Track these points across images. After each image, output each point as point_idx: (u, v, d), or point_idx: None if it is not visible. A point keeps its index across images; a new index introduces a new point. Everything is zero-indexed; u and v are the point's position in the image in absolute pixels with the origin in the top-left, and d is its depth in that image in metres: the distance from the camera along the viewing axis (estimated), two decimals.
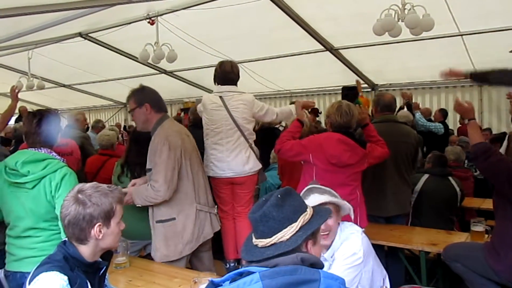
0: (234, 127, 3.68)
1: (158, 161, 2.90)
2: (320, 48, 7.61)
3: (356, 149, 3.19)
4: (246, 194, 3.83)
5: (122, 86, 11.36)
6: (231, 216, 3.85)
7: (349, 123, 3.22)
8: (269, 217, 1.47)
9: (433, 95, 9.10)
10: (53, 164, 2.48)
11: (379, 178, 3.77)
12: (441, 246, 3.15)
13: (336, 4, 6.08)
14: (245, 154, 3.72)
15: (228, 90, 3.73)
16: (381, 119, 3.86)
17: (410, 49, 6.95)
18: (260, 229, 1.48)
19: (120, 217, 1.88)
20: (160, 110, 3.08)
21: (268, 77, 9.31)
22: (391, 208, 3.83)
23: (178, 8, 6.36)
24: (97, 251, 1.87)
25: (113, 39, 7.91)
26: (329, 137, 3.26)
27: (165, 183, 2.86)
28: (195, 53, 7.83)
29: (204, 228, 3.07)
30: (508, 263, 2.54)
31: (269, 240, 1.45)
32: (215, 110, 3.69)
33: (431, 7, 5.00)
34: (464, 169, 5.09)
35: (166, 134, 2.98)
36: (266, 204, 1.49)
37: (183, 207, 3.00)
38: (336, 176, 3.16)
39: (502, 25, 5.97)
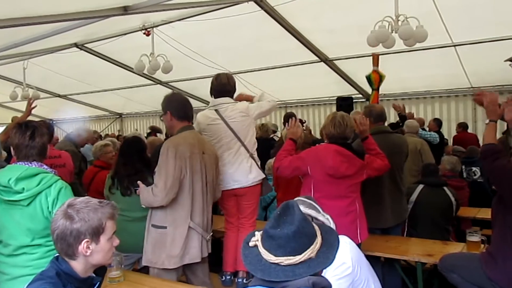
0: (234, 138, 3.66)
1: (162, 166, 2.93)
2: (315, 59, 7.67)
3: (353, 160, 3.19)
4: (249, 206, 3.80)
5: (118, 96, 11.40)
6: (235, 227, 3.83)
7: (343, 134, 3.23)
8: (302, 233, 1.40)
9: (427, 105, 9.17)
10: (47, 178, 2.41)
11: (377, 190, 3.77)
12: (437, 257, 3.14)
13: (331, 16, 6.14)
14: (247, 164, 3.70)
15: (223, 102, 3.72)
16: (376, 130, 3.87)
17: (404, 60, 7.00)
18: (291, 246, 1.38)
19: (111, 233, 1.82)
20: (182, 119, 3.13)
21: (263, 88, 9.29)
22: (390, 219, 3.83)
23: (173, 20, 6.41)
24: (88, 267, 1.81)
25: (108, 49, 7.93)
26: (326, 149, 3.27)
27: (164, 189, 2.87)
28: (190, 64, 7.86)
29: (191, 249, 3.03)
30: (506, 272, 2.53)
31: (299, 257, 1.38)
32: (213, 125, 3.68)
33: (424, 18, 5.05)
34: (459, 179, 5.10)
35: (177, 142, 3.01)
36: (296, 218, 1.41)
37: (177, 218, 2.99)
38: (334, 188, 3.16)
39: (494, 36, 6.05)
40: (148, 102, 11.38)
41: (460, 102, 8.86)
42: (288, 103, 10.60)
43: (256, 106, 3.84)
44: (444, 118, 8.73)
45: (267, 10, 6.00)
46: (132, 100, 11.70)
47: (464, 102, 8.79)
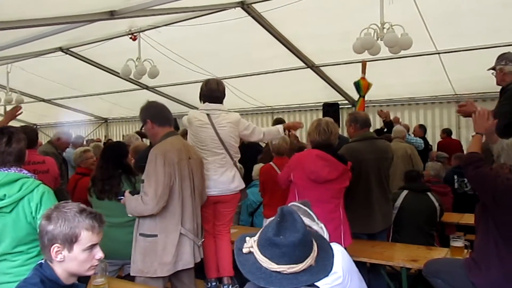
0: (221, 145, 3.66)
1: (151, 174, 2.89)
2: (302, 65, 7.72)
3: (335, 164, 3.21)
4: (229, 213, 3.80)
5: (103, 101, 11.31)
6: (211, 234, 3.81)
7: (328, 141, 3.26)
8: (306, 241, 1.40)
9: (412, 111, 9.28)
10: (28, 183, 2.36)
11: (365, 196, 3.80)
12: (422, 262, 3.17)
13: (318, 23, 6.19)
14: (230, 173, 3.71)
15: (216, 108, 3.72)
16: (363, 136, 3.91)
17: (389, 67, 7.09)
18: (296, 254, 1.37)
19: (87, 245, 1.76)
20: (164, 124, 3.11)
21: (250, 93, 9.37)
22: (378, 224, 3.86)
23: (160, 25, 6.40)
24: (67, 274, 1.78)
25: (94, 54, 7.87)
26: (309, 154, 3.31)
27: (155, 197, 2.84)
28: (177, 69, 7.84)
29: (184, 255, 3.01)
30: (490, 278, 2.57)
31: (301, 265, 1.38)
32: (201, 128, 3.67)
33: (409, 26, 5.13)
34: (443, 185, 5.16)
35: (165, 149, 2.98)
36: (298, 226, 1.39)
37: (167, 226, 2.96)
38: (317, 193, 3.16)
39: (477, 44, 6.16)
40: (134, 107, 11.27)
41: (444, 109, 8.99)
42: (275, 108, 10.63)
43: (247, 126, 3.84)
44: (428, 125, 8.85)
45: (254, 16, 6.03)
46: (118, 105, 11.62)
47: (448, 108, 8.92)
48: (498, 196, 2.50)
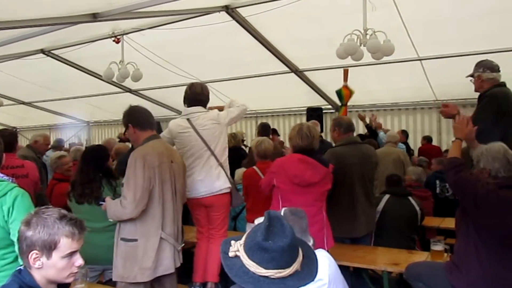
0: (204, 146, 3.66)
1: (130, 177, 2.87)
2: (286, 70, 7.75)
3: (317, 167, 3.24)
4: (218, 216, 3.78)
5: (85, 104, 11.16)
6: (206, 238, 3.80)
7: (310, 146, 3.28)
8: (294, 246, 1.43)
9: (394, 117, 9.40)
10: (2, 187, 2.29)
11: (348, 200, 3.83)
12: (403, 266, 3.20)
13: (302, 28, 6.23)
14: (215, 171, 3.70)
15: (195, 111, 3.73)
16: (347, 141, 3.93)
17: (372, 72, 7.18)
18: (284, 259, 1.40)
19: (66, 252, 1.73)
20: (145, 128, 3.09)
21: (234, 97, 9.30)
22: (362, 228, 3.89)
23: (144, 28, 6.36)
24: (46, 281, 1.75)
25: (76, 56, 7.78)
26: (290, 158, 3.33)
27: (133, 201, 2.82)
28: (161, 72, 7.80)
29: (164, 260, 2.98)
30: (470, 281, 2.61)
31: (288, 270, 1.40)
32: (183, 133, 3.67)
33: (391, 32, 5.21)
34: (424, 189, 5.23)
35: (145, 152, 2.96)
36: (287, 231, 1.41)
37: (148, 230, 2.94)
38: (301, 197, 3.18)
39: (458, 51, 6.28)
40: (117, 111, 11.08)
41: (426, 114, 9.13)
42: (259, 113, 10.65)
43: (226, 113, 3.88)
44: (410, 130, 8.98)
45: (239, 20, 6.04)
46: (101, 108, 11.48)
47: (430, 114, 9.06)
48: (478, 201, 2.55)
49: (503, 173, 2.63)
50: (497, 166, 2.63)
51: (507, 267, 2.55)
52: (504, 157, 2.63)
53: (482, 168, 2.68)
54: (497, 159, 2.63)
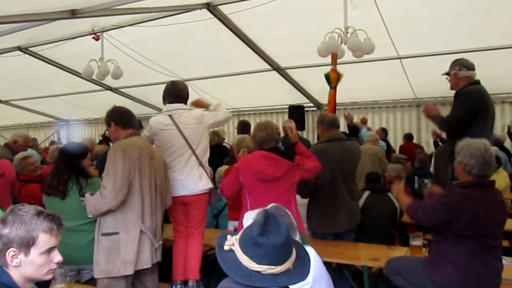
0: (185, 145, 3.62)
1: (110, 167, 2.87)
2: (267, 68, 7.77)
3: (280, 162, 3.28)
4: (198, 214, 3.76)
5: (64, 102, 10.99)
6: (184, 236, 3.77)
7: (271, 135, 3.35)
8: (288, 245, 1.46)
9: (375, 115, 9.51)
10: None
11: (332, 196, 3.85)
12: (383, 261, 3.24)
13: (283, 26, 6.26)
14: (197, 171, 3.66)
15: (178, 108, 3.67)
16: (330, 137, 3.95)
17: (352, 70, 7.21)
18: (277, 256, 1.42)
19: (45, 248, 1.71)
20: (127, 127, 3.14)
21: (216, 95, 9.31)
22: (345, 224, 3.92)
23: (124, 25, 6.30)
24: (24, 280, 1.72)
25: (55, 54, 7.65)
26: (254, 155, 3.41)
27: (113, 190, 2.81)
28: (142, 70, 7.73)
29: (142, 254, 2.97)
30: (447, 275, 2.68)
31: (280, 268, 1.42)
32: (165, 130, 3.62)
33: (371, 31, 5.28)
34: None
35: (125, 144, 2.98)
36: (282, 229, 1.44)
37: (128, 222, 2.93)
38: (267, 193, 3.22)
39: (436, 50, 6.40)
40: (97, 109, 11.04)
41: (405, 112, 9.27)
42: (241, 111, 10.65)
43: (211, 115, 3.83)
44: (390, 128, 9.11)
45: (220, 18, 6.03)
46: (80, 106, 11.32)
47: (409, 112, 9.21)
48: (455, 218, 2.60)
49: (476, 171, 2.68)
50: (472, 163, 2.68)
51: (481, 261, 2.62)
52: (481, 155, 2.68)
53: (460, 161, 2.74)
54: (474, 156, 2.68)
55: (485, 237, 2.62)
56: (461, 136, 2.99)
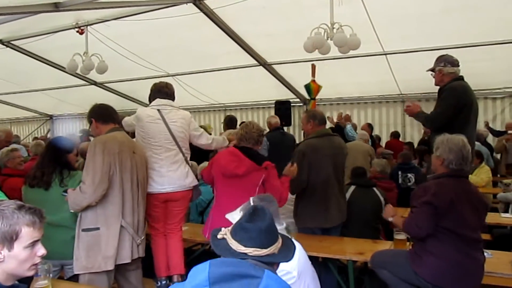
0: (172, 141, 3.61)
1: (89, 162, 2.86)
2: (254, 63, 7.76)
3: (243, 160, 3.30)
4: (180, 212, 3.75)
5: (48, 97, 10.84)
6: (162, 233, 3.75)
7: (249, 133, 3.40)
8: (271, 230, 1.58)
9: (361, 110, 9.59)
10: None
11: (323, 191, 3.87)
12: (368, 255, 3.28)
13: (269, 21, 6.25)
14: (184, 169, 3.67)
15: (166, 103, 3.68)
16: (320, 133, 3.99)
17: (338, 66, 7.28)
18: (261, 239, 1.54)
19: (28, 242, 1.70)
20: (107, 122, 3.14)
21: (202, 90, 9.31)
22: (335, 219, 3.95)
23: (109, 18, 6.22)
24: (6, 275, 1.70)
25: (38, 47, 7.53)
26: (225, 150, 3.54)
27: (92, 184, 2.80)
28: (128, 64, 7.66)
29: (122, 250, 2.96)
30: (430, 267, 2.74)
31: (265, 251, 1.53)
32: (152, 123, 3.60)
33: (357, 27, 5.30)
34: (388, 181, 5.37)
35: (105, 139, 2.98)
36: (267, 216, 1.59)
37: (109, 217, 2.92)
38: (230, 188, 3.31)
39: (421, 46, 6.46)
40: (82, 104, 10.90)
41: (391, 108, 9.36)
42: (228, 106, 10.64)
43: (197, 128, 3.88)
44: (375, 123, 9.19)
45: (206, 12, 5.99)
46: (65, 101, 11.17)
47: (394, 107, 9.29)
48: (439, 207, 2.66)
49: (454, 165, 2.76)
50: (451, 158, 2.75)
51: (463, 254, 2.68)
52: (460, 151, 2.75)
53: (438, 155, 2.80)
54: (453, 151, 2.75)
55: (465, 228, 2.68)
56: (445, 131, 3.02)
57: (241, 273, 1.42)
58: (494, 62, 6.94)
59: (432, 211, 2.67)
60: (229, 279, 1.41)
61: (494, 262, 3.11)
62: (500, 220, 4.71)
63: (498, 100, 8.53)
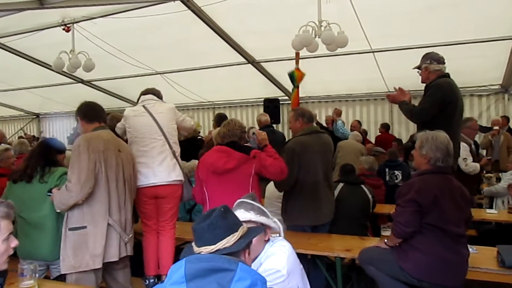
0: (158, 131, 3.62)
1: (75, 161, 2.85)
2: (243, 61, 7.76)
3: (232, 154, 3.30)
4: (170, 209, 3.73)
5: (35, 95, 10.71)
6: (154, 230, 3.73)
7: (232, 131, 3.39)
8: (216, 226, 1.64)
9: (349, 107, 9.62)
10: None
11: (313, 188, 3.87)
12: (356, 252, 3.30)
13: (258, 19, 6.24)
14: (171, 161, 3.66)
15: (150, 98, 3.73)
16: (309, 130, 3.99)
17: (326, 64, 7.30)
18: (206, 237, 1.62)
19: (6, 234, 1.71)
20: (93, 120, 3.13)
21: (191, 88, 9.28)
22: (324, 216, 3.96)
23: (95, 16, 6.16)
24: None
25: (24, 45, 7.44)
26: (211, 150, 3.46)
27: (78, 183, 2.79)
28: (115, 62, 7.60)
29: (109, 248, 2.95)
30: (415, 262, 2.78)
31: (214, 246, 1.60)
32: (137, 117, 3.62)
33: (345, 25, 5.32)
34: (376, 178, 5.41)
35: (89, 137, 2.97)
36: (212, 215, 1.66)
37: (95, 216, 2.91)
38: (221, 185, 3.27)
39: (407, 44, 6.50)
40: (69, 102, 10.79)
41: (378, 105, 9.42)
42: (216, 104, 10.62)
43: (181, 114, 3.91)
44: (363, 120, 9.24)
45: (194, 10, 5.97)
46: (51, 99, 11.05)
47: (382, 105, 9.35)
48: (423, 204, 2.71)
49: (441, 163, 2.80)
50: (438, 156, 2.79)
51: (448, 249, 2.72)
52: (446, 148, 2.80)
53: (424, 154, 2.82)
54: (440, 149, 2.78)
55: (449, 224, 2.72)
56: (430, 127, 3.06)
57: (215, 267, 1.44)
58: (480, 59, 7.03)
59: (416, 209, 2.70)
60: (204, 274, 1.43)
61: (479, 257, 3.15)
62: (486, 216, 4.77)
63: (484, 97, 8.64)
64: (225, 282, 1.41)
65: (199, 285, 1.42)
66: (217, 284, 1.41)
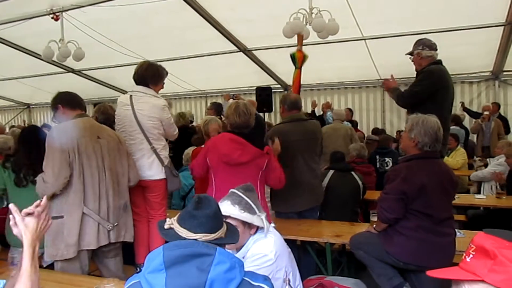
0: (137, 128, 3.50)
1: (49, 152, 2.85)
2: (234, 49, 7.72)
3: (247, 147, 3.20)
4: (155, 197, 3.68)
5: (24, 85, 10.60)
6: (145, 218, 3.71)
7: (247, 123, 3.25)
8: (218, 216, 1.65)
9: (341, 95, 9.65)
10: None
11: (293, 176, 3.85)
12: (346, 237, 3.35)
13: (248, 6, 6.21)
14: (147, 160, 3.54)
15: (140, 90, 3.56)
16: (290, 118, 3.98)
17: (318, 52, 7.23)
18: (210, 225, 1.60)
19: None
20: (73, 108, 3.08)
21: (183, 77, 9.23)
22: (307, 202, 3.97)
23: (84, 4, 6.09)
24: None
25: (12, 34, 7.35)
26: (222, 137, 3.31)
27: (52, 174, 2.79)
28: (106, 51, 7.53)
29: (85, 236, 2.92)
30: (400, 245, 2.85)
31: (213, 235, 1.59)
32: (122, 109, 3.54)
33: (336, 12, 5.30)
34: (367, 165, 5.44)
35: (62, 127, 2.97)
36: (213, 203, 1.66)
37: (70, 206, 2.90)
38: (231, 176, 3.16)
39: (399, 31, 6.50)
40: None
41: (370, 93, 9.45)
42: (209, 93, 10.59)
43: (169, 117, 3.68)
44: (355, 108, 9.27)
45: None
46: (41, 89, 10.93)
47: (374, 92, 9.38)
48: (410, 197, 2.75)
49: (428, 147, 2.82)
50: (426, 141, 2.80)
51: (432, 231, 2.77)
52: (435, 133, 2.81)
53: (412, 137, 2.84)
54: (429, 134, 2.80)
55: (435, 210, 2.77)
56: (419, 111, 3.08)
57: (194, 252, 1.47)
58: (471, 46, 7.06)
59: (401, 196, 2.75)
60: (183, 260, 1.46)
61: (467, 241, 3.11)
62: (474, 201, 4.84)
63: (475, 84, 8.70)
64: (204, 266, 1.44)
65: (179, 271, 1.45)
66: (197, 269, 1.43)
